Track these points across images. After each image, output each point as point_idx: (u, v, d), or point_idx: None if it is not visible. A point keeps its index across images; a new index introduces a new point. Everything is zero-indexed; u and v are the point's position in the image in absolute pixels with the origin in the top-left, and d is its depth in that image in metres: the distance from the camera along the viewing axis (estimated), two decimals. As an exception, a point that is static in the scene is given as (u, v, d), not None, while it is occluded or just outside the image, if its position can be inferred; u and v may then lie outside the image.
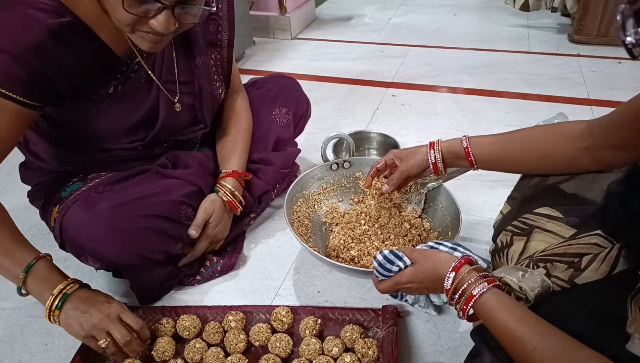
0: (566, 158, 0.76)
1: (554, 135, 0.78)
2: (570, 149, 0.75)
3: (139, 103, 0.94)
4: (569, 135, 0.76)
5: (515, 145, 0.83)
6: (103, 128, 0.93)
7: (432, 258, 0.73)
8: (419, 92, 1.98)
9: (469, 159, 0.88)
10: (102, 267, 0.94)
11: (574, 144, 0.74)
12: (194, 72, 1.01)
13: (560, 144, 0.77)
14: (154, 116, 0.97)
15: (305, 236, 1.10)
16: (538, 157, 0.80)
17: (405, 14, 2.98)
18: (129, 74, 0.89)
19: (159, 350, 0.89)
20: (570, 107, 1.79)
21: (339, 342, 0.88)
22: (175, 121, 1.02)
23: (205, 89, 1.03)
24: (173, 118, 1.00)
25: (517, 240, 0.78)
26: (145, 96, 0.94)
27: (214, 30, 1.03)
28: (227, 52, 1.06)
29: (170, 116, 0.99)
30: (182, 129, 1.06)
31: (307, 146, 1.48)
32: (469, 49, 2.40)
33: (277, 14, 2.57)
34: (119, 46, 0.86)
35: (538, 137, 0.81)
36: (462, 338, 0.95)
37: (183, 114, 1.02)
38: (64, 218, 0.89)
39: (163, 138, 1.02)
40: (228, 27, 1.04)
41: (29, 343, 0.98)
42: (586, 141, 0.73)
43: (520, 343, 0.56)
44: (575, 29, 2.35)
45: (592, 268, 0.61)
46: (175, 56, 0.97)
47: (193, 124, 1.08)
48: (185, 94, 1.01)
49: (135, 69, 0.90)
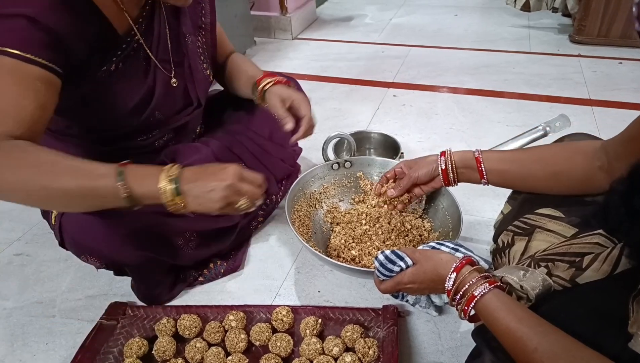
0: (581, 176, 0.73)
1: (569, 152, 0.76)
2: (585, 167, 0.72)
3: (138, 84, 0.94)
4: (584, 153, 0.73)
5: (528, 160, 0.80)
6: (103, 111, 0.92)
7: (434, 258, 0.73)
8: (419, 93, 1.98)
9: (479, 170, 0.84)
10: (102, 266, 0.94)
11: (589, 163, 0.72)
12: (184, 51, 1.02)
13: (574, 161, 0.74)
14: (151, 97, 0.97)
15: (306, 235, 1.10)
16: (552, 173, 0.76)
17: (406, 14, 2.98)
18: (129, 52, 0.90)
19: (160, 349, 0.89)
20: (571, 107, 1.79)
21: (339, 342, 0.88)
22: (171, 99, 1.02)
23: (195, 68, 1.04)
24: (169, 95, 1.00)
25: (519, 240, 0.78)
26: (143, 77, 0.94)
27: (199, 14, 1.05)
28: (211, 36, 1.08)
29: (166, 92, 0.99)
30: (177, 112, 1.06)
31: (308, 146, 1.47)
32: (470, 49, 2.40)
33: (278, 14, 2.57)
34: (120, 24, 0.87)
35: (552, 153, 0.78)
36: (462, 338, 0.95)
37: (178, 92, 1.03)
38: (64, 216, 0.89)
39: (159, 117, 1.01)
40: (210, 11, 1.05)
41: (29, 343, 0.98)
42: (601, 160, 0.70)
43: (521, 343, 0.56)
44: (576, 30, 2.35)
45: (594, 267, 0.61)
46: (169, 35, 0.98)
47: (188, 105, 1.08)
48: (179, 74, 1.02)
49: (134, 47, 0.91)
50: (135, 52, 0.91)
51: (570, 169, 0.74)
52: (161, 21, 0.95)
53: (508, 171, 0.82)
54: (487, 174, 0.84)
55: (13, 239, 1.27)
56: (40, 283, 1.13)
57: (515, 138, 1.09)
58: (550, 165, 0.77)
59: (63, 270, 1.16)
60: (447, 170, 0.89)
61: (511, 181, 0.83)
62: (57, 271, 1.16)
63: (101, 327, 0.95)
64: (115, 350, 0.91)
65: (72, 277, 1.14)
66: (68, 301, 1.07)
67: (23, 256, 1.21)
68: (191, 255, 1.04)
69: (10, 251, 1.23)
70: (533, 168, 0.79)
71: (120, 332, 0.95)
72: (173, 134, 1.08)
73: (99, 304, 1.04)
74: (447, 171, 0.89)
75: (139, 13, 0.91)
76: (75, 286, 1.11)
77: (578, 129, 0.91)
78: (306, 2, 2.74)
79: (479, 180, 0.86)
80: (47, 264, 1.18)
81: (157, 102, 0.97)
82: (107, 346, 0.92)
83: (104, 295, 1.08)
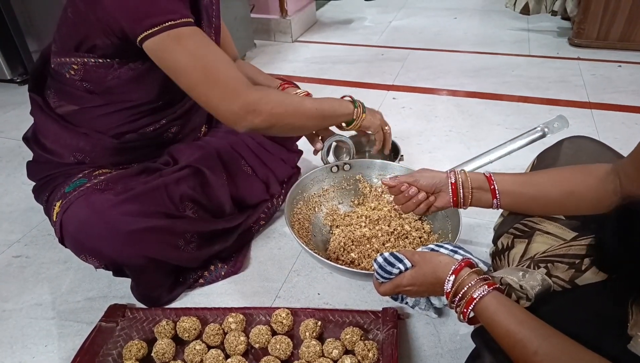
0: (594, 198, 0.71)
1: (582, 175, 0.74)
2: (599, 190, 0.70)
3: None
4: (596, 176, 0.71)
5: (541, 179, 0.77)
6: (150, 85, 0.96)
7: (433, 260, 0.73)
8: (419, 95, 1.98)
9: (491, 189, 0.79)
10: (101, 266, 0.94)
11: (602, 185, 0.70)
12: None
13: (587, 182, 0.72)
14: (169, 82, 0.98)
15: (306, 238, 1.10)
16: (565, 192, 0.74)
17: (406, 17, 2.99)
18: None
19: (159, 351, 0.88)
20: (570, 110, 1.80)
21: (339, 344, 0.88)
22: None
23: None
24: None
25: (519, 243, 0.78)
26: None
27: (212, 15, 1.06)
28: (216, 39, 1.09)
29: None
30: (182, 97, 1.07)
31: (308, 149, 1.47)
32: (470, 52, 2.41)
33: (278, 17, 2.57)
34: None
35: (565, 173, 0.76)
36: (462, 340, 0.95)
37: None
38: (65, 215, 0.90)
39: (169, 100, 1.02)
40: (216, 15, 1.07)
41: (28, 345, 0.98)
42: (614, 183, 0.69)
43: (521, 345, 0.56)
44: (576, 33, 2.36)
45: (593, 270, 0.61)
46: None
47: None
48: None
49: None
50: None
51: (583, 192, 0.72)
52: None
53: (520, 188, 0.78)
54: (500, 194, 0.79)
55: (12, 241, 1.27)
56: (40, 285, 1.13)
57: (514, 140, 1.09)
58: (565, 184, 0.74)
59: (62, 272, 1.16)
60: (457, 185, 0.82)
61: (524, 203, 0.79)
62: (57, 273, 1.16)
63: (100, 329, 0.95)
64: (115, 352, 0.91)
65: (72, 279, 1.13)
66: (67, 303, 1.07)
67: (22, 258, 1.21)
68: (192, 256, 1.04)
69: (10, 253, 1.23)
70: (546, 186, 0.76)
71: (120, 334, 0.95)
72: (179, 126, 1.08)
73: (99, 306, 1.04)
74: (457, 187, 0.82)
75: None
76: (74, 288, 1.11)
77: (577, 132, 0.92)
78: (306, 4, 2.75)
79: (490, 202, 0.80)
80: (47, 266, 1.18)
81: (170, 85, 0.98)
82: (107, 348, 0.92)
83: (103, 297, 1.08)
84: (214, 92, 0.83)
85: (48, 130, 1.00)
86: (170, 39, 0.81)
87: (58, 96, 0.98)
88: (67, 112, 0.98)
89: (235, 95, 0.82)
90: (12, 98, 2.05)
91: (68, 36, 0.89)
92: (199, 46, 0.83)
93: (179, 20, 0.81)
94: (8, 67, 2.08)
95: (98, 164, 1.01)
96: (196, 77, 0.82)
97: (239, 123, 0.85)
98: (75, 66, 0.90)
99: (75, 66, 0.90)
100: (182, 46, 0.81)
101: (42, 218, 1.27)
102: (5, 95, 2.10)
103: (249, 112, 0.83)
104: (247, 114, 0.83)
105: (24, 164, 1.09)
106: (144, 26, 0.80)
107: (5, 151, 1.69)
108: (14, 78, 2.11)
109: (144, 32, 0.80)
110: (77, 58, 0.90)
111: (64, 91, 0.96)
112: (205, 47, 0.84)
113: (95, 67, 0.89)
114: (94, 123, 0.98)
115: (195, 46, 0.83)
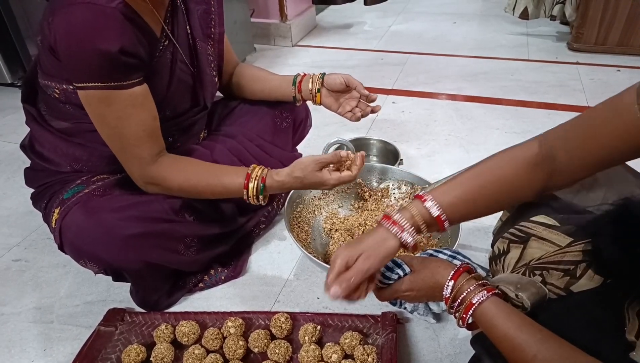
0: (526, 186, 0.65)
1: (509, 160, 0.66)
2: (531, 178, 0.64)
3: (160, 81, 0.97)
4: (524, 161, 0.64)
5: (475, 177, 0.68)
6: None
7: (431, 266, 0.73)
8: (418, 100, 1.99)
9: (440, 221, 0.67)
10: (100, 271, 0.94)
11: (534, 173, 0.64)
12: (194, 54, 1.05)
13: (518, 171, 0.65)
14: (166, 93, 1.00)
15: (305, 242, 1.11)
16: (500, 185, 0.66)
17: (405, 21, 3.00)
18: (162, 51, 0.95)
19: (158, 356, 0.88)
20: (569, 114, 1.78)
21: (338, 349, 0.88)
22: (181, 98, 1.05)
23: (204, 72, 1.07)
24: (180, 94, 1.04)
25: (514, 248, 0.78)
26: (166, 75, 0.98)
27: (208, 24, 1.07)
28: (219, 47, 1.10)
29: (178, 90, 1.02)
30: (185, 111, 1.07)
31: (308, 152, 1.47)
32: (469, 56, 2.41)
33: (277, 21, 2.58)
34: (156, 27, 0.93)
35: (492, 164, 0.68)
36: (461, 345, 0.95)
37: (187, 93, 1.06)
38: (64, 221, 0.89)
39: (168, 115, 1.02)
40: (219, 22, 1.08)
41: (27, 349, 0.98)
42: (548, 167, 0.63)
43: (520, 350, 0.56)
44: (574, 37, 2.37)
45: (588, 275, 0.61)
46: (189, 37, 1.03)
47: (194, 106, 1.10)
48: (190, 75, 1.05)
49: (165, 45, 0.95)
50: (164, 50, 0.96)
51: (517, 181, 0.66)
52: (180, 21, 0.99)
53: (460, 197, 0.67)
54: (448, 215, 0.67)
55: (12, 244, 1.27)
56: (39, 289, 1.12)
57: None
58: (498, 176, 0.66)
59: (61, 276, 1.15)
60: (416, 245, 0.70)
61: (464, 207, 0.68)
62: (56, 277, 1.15)
63: (99, 333, 0.95)
64: (114, 356, 0.91)
65: (71, 283, 1.13)
66: (66, 307, 1.07)
67: (21, 261, 1.21)
68: (192, 260, 1.04)
69: (9, 257, 1.23)
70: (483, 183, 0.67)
71: (119, 338, 0.94)
72: (178, 135, 1.08)
73: (98, 310, 1.04)
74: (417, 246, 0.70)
75: (165, 14, 0.95)
76: (73, 292, 1.11)
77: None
78: (306, 9, 2.75)
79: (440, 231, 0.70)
80: (46, 270, 1.18)
81: (169, 99, 0.99)
82: (105, 352, 0.91)
83: (102, 301, 1.08)
84: (124, 159, 0.93)
85: (44, 140, 0.99)
86: (96, 99, 0.84)
87: (49, 111, 0.97)
88: (61, 128, 0.97)
89: (140, 168, 0.93)
90: (12, 102, 2.05)
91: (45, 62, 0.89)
92: (120, 116, 0.86)
93: (112, 83, 0.83)
94: (8, 71, 2.08)
95: (95, 171, 1.01)
96: (112, 143, 0.91)
97: (144, 188, 0.97)
98: (57, 91, 0.90)
99: (57, 91, 0.90)
100: (110, 108, 0.85)
101: (41, 222, 1.26)
102: (4, 99, 2.10)
103: (148, 183, 0.95)
104: (147, 185, 0.96)
105: (23, 168, 1.09)
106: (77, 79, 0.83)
107: (5, 154, 1.69)
108: (14, 82, 2.11)
109: (76, 83, 0.83)
110: (56, 84, 0.90)
111: (54, 108, 0.96)
112: (127, 119, 0.87)
113: (75, 94, 0.88)
114: (89, 136, 0.97)
115: (117, 116, 0.86)
